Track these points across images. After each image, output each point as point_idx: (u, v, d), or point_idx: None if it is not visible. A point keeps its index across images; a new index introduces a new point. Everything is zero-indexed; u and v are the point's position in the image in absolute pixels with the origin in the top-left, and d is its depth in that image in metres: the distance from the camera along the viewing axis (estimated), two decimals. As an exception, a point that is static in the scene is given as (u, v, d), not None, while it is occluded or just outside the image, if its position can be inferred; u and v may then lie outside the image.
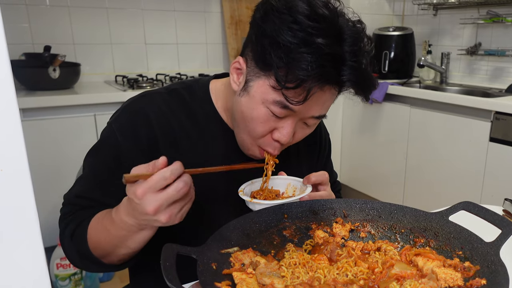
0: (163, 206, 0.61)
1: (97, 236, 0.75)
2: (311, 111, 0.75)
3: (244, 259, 0.62)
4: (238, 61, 0.79)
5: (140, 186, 0.60)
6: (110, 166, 0.81)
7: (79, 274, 1.99)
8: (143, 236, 0.70)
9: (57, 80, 2.12)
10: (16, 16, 2.28)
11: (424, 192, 2.45)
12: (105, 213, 0.76)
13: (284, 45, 0.67)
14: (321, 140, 1.04)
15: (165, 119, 0.84)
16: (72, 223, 0.79)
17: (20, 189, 0.39)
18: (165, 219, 0.62)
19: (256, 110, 0.75)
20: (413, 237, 0.70)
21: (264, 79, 0.73)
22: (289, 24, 0.67)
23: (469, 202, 0.69)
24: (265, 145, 0.79)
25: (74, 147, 1.98)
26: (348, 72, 0.69)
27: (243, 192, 0.80)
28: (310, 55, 0.65)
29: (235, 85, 0.80)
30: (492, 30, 2.60)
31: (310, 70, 0.66)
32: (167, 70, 2.76)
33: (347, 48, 0.68)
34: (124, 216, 0.67)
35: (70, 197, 0.83)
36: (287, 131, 0.76)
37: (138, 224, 0.67)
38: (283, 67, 0.68)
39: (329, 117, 0.84)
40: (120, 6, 2.57)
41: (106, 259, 0.77)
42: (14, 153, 0.38)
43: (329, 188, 0.85)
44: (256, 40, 0.73)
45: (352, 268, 0.63)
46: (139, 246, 0.73)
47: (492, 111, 2.03)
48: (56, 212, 0.84)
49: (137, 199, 0.61)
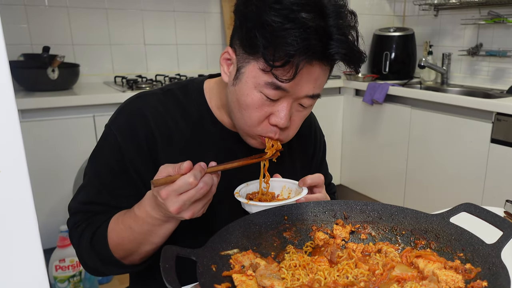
0: (186, 206, 0.66)
1: (119, 237, 0.76)
2: (304, 89, 0.75)
3: (244, 261, 0.62)
4: (227, 51, 0.79)
5: (164, 189, 0.65)
6: (114, 168, 0.81)
7: (78, 276, 1.98)
8: (167, 229, 0.73)
9: (56, 81, 2.11)
10: (15, 17, 2.27)
11: (425, 194, 2.45)
12: (124, 213, 0.77)
13: (268, 25, 0.68)
14: (316, 141, 1.04)
15: (162, 119, 0.85)
16: (88, 230, 0.79)
17: (19, 190, 0.39)
18: (188, 216, 0.68)
19: (250, 96, 0.75)
20: (414, 239, 0.70)
21: (253, 63, 0.73)
22: (271, 4, 0.68)
23: (470, 203, 0.69)
24: (265, 132, 0.79)
25: (73, 149, 1.98)
26: (336, 46, 0.69)
27: (239, 194, 0.80)
28: (295, 30, 0.66)
29: (226, 76, 0.80)
30: (494, 31, 2.59)
31: (296, 45, 0.66)
32: (166, 71, 2.75)
33: (331, 22, 0.69)
34: (150, 209, 0.71)
35: (78, 206, 0.83)
36: (284, 114, 0.76)
37: (163, 217, 0.70)
38: (269, 47, 0.68)
39: (329, 118, 0.84)
40: (119, 6, 2.56)
41: (128, 259, 0.78)
42: (13, 154, 0.38)
43: (324, 190, 0.85)
44: (241, 25, 0.74)
45: (352, 270, 0.63)
46: (162, 241, 0.75)
47: (494, 112, 2.02)
48: (55, 214, 0.84)
49: (161, 198, 0.66)
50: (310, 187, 0.83)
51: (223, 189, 0.85)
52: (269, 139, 0.80)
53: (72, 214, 0.84)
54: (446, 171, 2.30)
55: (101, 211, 0.81)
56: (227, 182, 0.84)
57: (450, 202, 2.09)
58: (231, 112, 0.82)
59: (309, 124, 1.02)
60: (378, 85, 2.60)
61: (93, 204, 0.81)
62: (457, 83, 2.82)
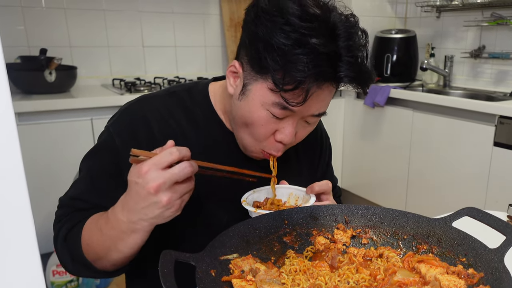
0: (166, 185, 0.61)
1: (90, 238, 0.74)
2: (311, 110, 0.75)
3: (243, 266, 0.62)
4: (233, 65, 0.79)
5: (146, 163, 0.62)
6: (108, 169, 0.80)
7: (76, 281, 1.97)
8: (134, 239, 0.69)
9: (53, 83, 2.10)
10: (12, 19, 2.26)
11: (427, 198, 2.43)
12: (101, 214, 0.75)
13: (278, 48, 0.67)
14: (322, 144, 1.04)
15: (164, 122, 0.84)
16: (66, 225, 0.78)
17: (16, 194, 0.38)
18: (166, 201, 0.62)
19: (256, 113, 0.75)
20: (416, 244, 0.69)
21: (261, 82, 0.73)
22: (281, 26, 0.67)
23: (473, 208, 0.68)
24: (269, 148, 0.79)
25: (71, 152, 1.96)
26: (345, 68, 0.69)
27: (246, 201, 0.79)
28: (305, 56, 0.66)
29: (232, 88, 0.80)
30: (496, 33, 2.59)
31: (307, 71, 0.66)
32: (165, 73, 2.74)
33: (341, 43, 0.68)
34: (119, 211, 0.67)
35: (65, 200, 0.82)
36: (289, 131, 0.76)
37: (130, 222, 0.66)
38: (279, 70, 0.68)
39: (331, 121, 0.84)
40: (118, 8, 2.55)
41: (99, 264, 0.76)
42: (10, 158, 0.37)
43: (331, 197, 0.85)
44: (250, 44, 0.73)
45: (353, 275, 0.62)
46: (131, 252, 0.72)
47: (496, 115, 2.01)
48: (52, 218, 0.83)
49: (140, 177, 0.61)
50: (317, 194, 0.83)
51: (224, 194, 0.85)
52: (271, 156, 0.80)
53: (59, 207, 0.83)
54: (448, 175, 2.29)
55: (85, 208, 0.79)
56: (229, 187, 0.84)
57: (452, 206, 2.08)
58: (233, 124, 0.82)
59: (315, 128, 1.02)
60: (379, 87, 2.60)
61: (79, 200, 0.80)
62: (460, 85, 2.81)
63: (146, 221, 0.66)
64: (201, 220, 0.84)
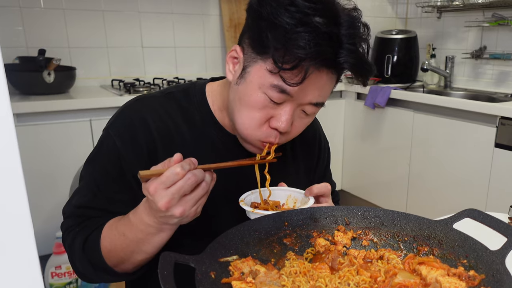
0: (175, 200, 0.63)
1: (112, 244, 0.74)
2: (309, 96, 0.74)
3: (243, 268, 0.61)
4: (235, 49, 0.79)
5: (152, 182, 0.63)
6: (111, 173, 0.80)
7: (75, 283, 1.96)
8: (161, 238, 0.71)
9: (52, 84, 2.10)
10: (10, 19, 2.26)
11: (428, 199, 2.43)
12: (118, 219, 0.76)
13: (281, 26, 0.67)
14: (320, 148, 1.03)
15: (162, 123, 0.84)
16: (81, 234, 0.78)
17: (14, 195, 0.38)
18: (179, 213, 0.64)
19: (254, 96, 0.74)
20: (416, 245, 0.69)
21: (261, 63, 0.73)
22: (286, 6, 0.67)
23: (474, 209, 0.68)
24: (265, 136, 0.78)
25: (70, 153, 1.96)
26: (345, 54, 0.69)
27: (244, 202, 0.79)
28: (307, 33, 0.66)
29: (231, 74, 0.79)
30: (498, 33, 2.58)
31: (307, 48, 0.66)
32: (164, 74, 2.73)
33: (343, 31, 0.69)
34: (145, 216, 0.69)
35: (72, 209, 0.82)
36: (286, 118, 0.75)
37: (157, 224, 0.68)
38: (280, 48, 0.68)
39: (331, 122, 0.84)
40: (116, 8, 2.54)
41: (120, 267, 0.76)
42: (8, 159, 0.37)
43: (330, 200, 0.84)
44: (253, 24, 0.73)
45: (354, 277, 0.62)
46: (155, 251, 0.73)
47: (498, 116, 2.01)
48: (51, 220, 0.83)
49: (150, 196, 0.63)
50: (316, 196, 0.82)
51: (223, 195, 0.85)
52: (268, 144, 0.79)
53: (65, 217, 0.82)
54: (449, 176, 2.28)
55: (96, 216, 0.80)
56: (228, 188, 0.83)
57: (453, 207, 2.08)
58: (231, 113, 0.81)
59: (314, 131, 1.02)
60: (380, 88, 2.59)
61: (88, 208, 0.80)
62: (461, 86, 2.81)
63: (170, 224, 0.69)
64: (200, 221, 0.83)
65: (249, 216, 0.78)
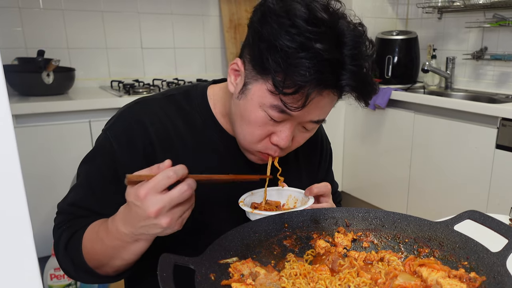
0: (165, 209, 0.60)
1: (92, 247, 0.74)
2: (310, 116, 0.74)
3: (243, 270, 0.61)
4: (236, 62, 0.78)
5: (143, 187, 0.60)
6: (106, 174, 0.80)
7: (74, 285, 1.96)
8: (138, 247, 0.69)
9: (51, 85, 2.10)
10: (9, 20, 2.26)
11: (429, 201, 2.43)
12: (100, 222, 0.75)
13: (281, 50, 0.66)
14: (322, 149, 1.03)
15: (162, 126, 0.83)
16: (66, 232, 0.78)
17: (13, 197, 0.38)
18: (166, 223, 0.61)
19: (254, 113, 0.74)
20: (417, 247, 0.69)
21: (261, 83, 0.72)
22: (287, 28, 0.66)
23: (475, 211, 0.68)
24: (264, 149, 0.78)
25: (69, 154, 1.96)
26: (347, 77, 0.68)
27: (244, 202, 0.79)
28: (308, 60, 0.64)
29: (232, 86, 0.79)
30: (499, 34, 2.58)
31: (308, 76, 0.65)
32: (164, 75, 2.72)
33: (346, 52, 0.67)
34: (121, 225, 0.67)
35: (64, 206, 0.82)
36: (286, 135, 0.75)
37: (133, 234, 0.66)
38: (280, 72, 0.67)
39: (331, 123, 0.83)
40: (116, 9, 2.54)
41: (101, 270, 0.76)
42: (7, 160, 0.37)
43: (331, 199, 0.84)
44: (254, 43, 0.72)
45: (354, 279, 0.62)
46: (134, 258, 0.72)
47: (499, 117, 2.01)
48: (50, 221, 0.83)
49: (139, 201, 0.60)
50: (316, 196, 0.82)
51: (223, 197, 0.84)
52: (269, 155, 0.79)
53: (57, 213, 0.82)
54: (450, 177, 2.28)
55: (84, 215, 0.79)
56: (228, 190, 0.83)
57: (454, 209, 2.08)
58: (233, 124, 0.82)
59: (316, 132, 1.01)
60: (380, 89, 2.59)
61: (78, 208, 0.80)
62: (462, 87, 2.80)
63: (148, 235, 0.66)
64: (200, 223, 0.83)
65: (249, 217, 0.78)
